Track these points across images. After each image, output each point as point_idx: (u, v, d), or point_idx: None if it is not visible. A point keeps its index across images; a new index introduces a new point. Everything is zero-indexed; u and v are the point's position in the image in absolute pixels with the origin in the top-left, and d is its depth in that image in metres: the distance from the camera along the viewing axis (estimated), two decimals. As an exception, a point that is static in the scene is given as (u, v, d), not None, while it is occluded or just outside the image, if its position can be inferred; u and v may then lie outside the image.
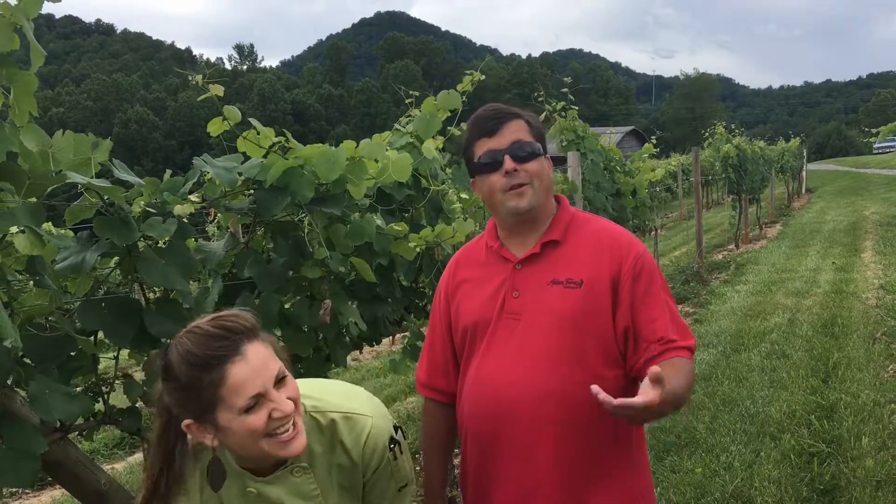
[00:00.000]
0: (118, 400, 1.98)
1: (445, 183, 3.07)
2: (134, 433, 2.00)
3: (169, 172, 2.09)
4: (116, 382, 2.01)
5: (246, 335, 1.31)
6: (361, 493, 1.56)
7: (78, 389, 1.84)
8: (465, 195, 3.60)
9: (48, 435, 1.70)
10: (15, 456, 1.58)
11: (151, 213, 1.92)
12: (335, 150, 2.31)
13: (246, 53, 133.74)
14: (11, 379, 1.63)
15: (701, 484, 3.70)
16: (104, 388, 1.96)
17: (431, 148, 2.79)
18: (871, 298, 7.62)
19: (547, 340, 1.61)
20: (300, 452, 1.37)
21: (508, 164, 1.62)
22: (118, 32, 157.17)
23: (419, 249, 2.70)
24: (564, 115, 5.75)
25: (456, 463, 2.66)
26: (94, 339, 1.87)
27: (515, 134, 1.65)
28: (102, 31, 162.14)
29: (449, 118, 2.98)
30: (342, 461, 1.49)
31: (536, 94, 5.81)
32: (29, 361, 1.71)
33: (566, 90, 5.79)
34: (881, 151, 46.48)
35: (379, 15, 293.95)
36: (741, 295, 8.56)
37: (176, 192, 1.98)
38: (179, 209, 1.91)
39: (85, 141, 1.74)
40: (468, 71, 3.21)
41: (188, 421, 1.32)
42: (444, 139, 3.05)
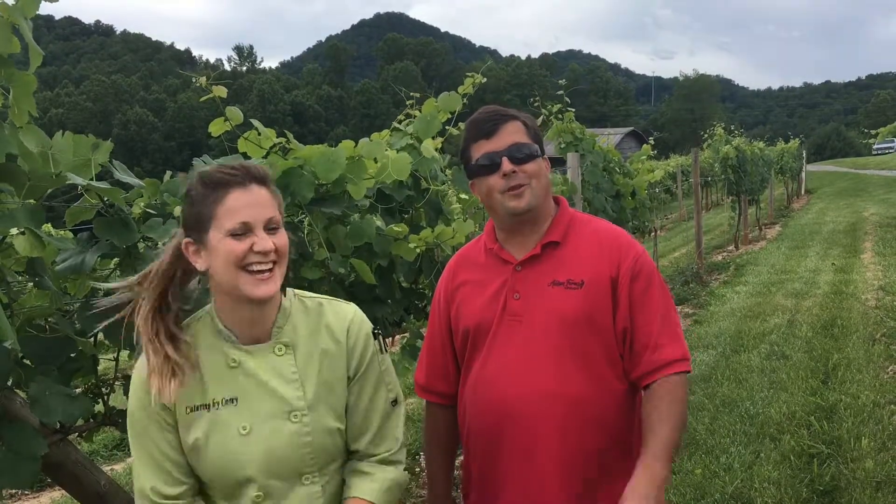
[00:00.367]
0: (118, 401, 1.98)
1: (445, 184, 3.06)
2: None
3: (169, 174, 2.09)
4: (116, 384, 2.01)
5: (258, 179, 1.42)
6: (346, 396, 1.53)
7: (78, 391, 1.84)
8: (464, 196, 3.59)
9: (48, 436, 1.70)
10: (15, 457, 1.58)
11: (151, 214, 1.93)
12: (335, 149, 2.31)
13: (245, 54, 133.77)
14: (12, 380, 1.63)
15: (701, 485, 3.70)
16: (104, 389, 1.97)
17: (431, 148, 2.79)
18: (870, 299, 7.61)
19: (550, 341, 1.62)
20: (269, 296, 1.41)
21: (506, 165, 1.62)
22: (118, 33, 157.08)
23: (419, 250, 2.70)
24: (561, 117, 5.75)
25: (456, 464, 2.66)
26: (94, 340, 1.87)
27: (513, 136, 1.65)
28: (102, 32, 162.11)
29: (448, 119, 2.99)
30: (327, 345, 1.51)
31: (533, 98, 5.84)
32: (29, 363, 1.71)
33: (562, 92, 5.80)
34: (880, 152, 46.53)
35: (378, 16, 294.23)
36: (741, 296, 8.56)
37: (176, 193, 1.98)
38: (179, 210, 1.91)
39: (85, 142, 1.74)
40: (469, 73, 3.21)
41: (187, 240, 1.42)
42: (442, 139, 3.05)
